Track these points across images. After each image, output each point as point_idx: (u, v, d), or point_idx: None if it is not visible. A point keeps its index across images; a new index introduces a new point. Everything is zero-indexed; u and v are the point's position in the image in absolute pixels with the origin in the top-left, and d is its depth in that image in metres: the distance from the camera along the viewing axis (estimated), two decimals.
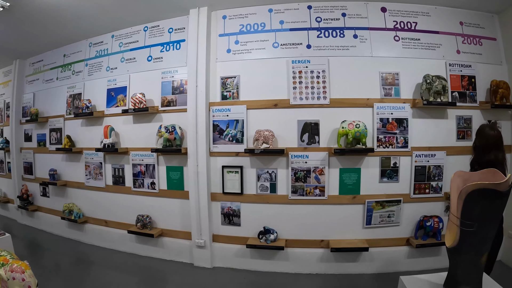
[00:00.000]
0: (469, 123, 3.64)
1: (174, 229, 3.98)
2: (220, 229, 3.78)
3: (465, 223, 1.22)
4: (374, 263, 3.53)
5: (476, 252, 1.30)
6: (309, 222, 3.57)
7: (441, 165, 3.57)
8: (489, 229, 1.28)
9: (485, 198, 1.19)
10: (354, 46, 3.57)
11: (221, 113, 3.68)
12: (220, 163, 3.71)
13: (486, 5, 3.73)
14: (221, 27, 3.80)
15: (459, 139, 3.62)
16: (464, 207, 1.22)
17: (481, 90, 3.70)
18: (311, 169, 3.50)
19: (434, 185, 3.58)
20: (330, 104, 3.50)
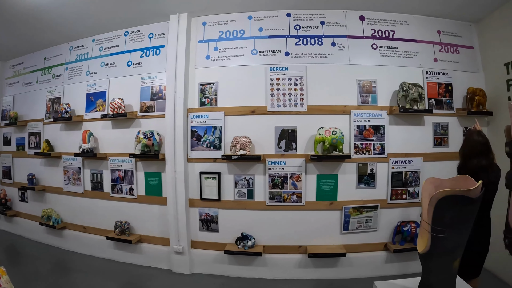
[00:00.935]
0: (445, 129, 3.69)
1: (153, 235, 3.93)
2: (198, 235, 3.75)
3: (436, 229, 1.23)
4: (352, 268, 3.54)
5: (448, 257, 1.31)
6: (286, 228, 3.57)
7: (418, 171, 3.60)
8: (460, 235, 1.29)
9: (455, 204, 1.20)
10: (332, 54, 3.60)
11: (199, 119, 3.66)
12: (198, 169, 3.69)
13: (464, 14, 3.79)
14: (201, 34, 3.80)
15: (435, 145, 3.67)
16: (435, 213, 1.23)
17: (457, 97, 3.75)
18: (288, 176, 3.51)
19: (411, 191, 3.62)
20: (307, 111, 3.51)
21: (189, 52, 3.75)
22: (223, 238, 3.67)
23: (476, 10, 3.71)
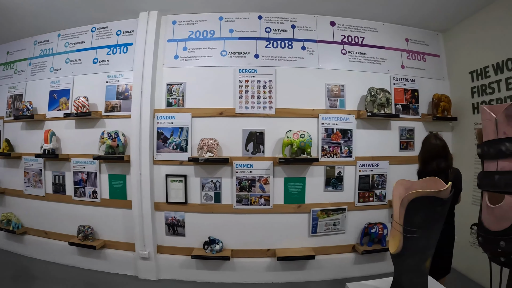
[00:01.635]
0: (411, 134, 3.78)
1: (118, 241, 3.77)
2: (164, 240, 3.64)
3: (408, 230, 1.24)
4: (321, 270, 3.54)
5: (420, 257, 1.32)
6: (254, 232, 3.53)
7: (385, 174, 3.66)
8: (431, 235, 1.31)
9: (426, 205, 1.22)
10: (301, 58, 3.60)
11: (165, 120, 3.56)
12: (164, 171, 3.58)
13: (431, 23, 3.91)
14: (170, 33, 3.71)
15: (402, 149, 3.75)
16: (406, 214, 1.25)
17: (423, 103, 3.85)
18: (256, 179, 3.47)
19: (378, 193, 3.67)
20: (275, 114, 3.49)
21: (158, 51, 3.64)
22: (190, 243, 3.57)
23: (443, 21, 3.84)
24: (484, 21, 3.55)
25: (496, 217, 1.18)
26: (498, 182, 1.17)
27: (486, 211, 1.24)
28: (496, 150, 1.17)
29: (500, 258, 1.18)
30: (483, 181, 1.27)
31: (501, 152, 1.15)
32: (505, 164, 1.16)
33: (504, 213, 1.15)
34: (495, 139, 1.18)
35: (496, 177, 1.17)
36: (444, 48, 4.07)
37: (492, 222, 1.19)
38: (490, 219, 1.21)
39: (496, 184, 1.18)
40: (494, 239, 1.17)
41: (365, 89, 3.56)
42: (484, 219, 1.25)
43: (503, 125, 1.15)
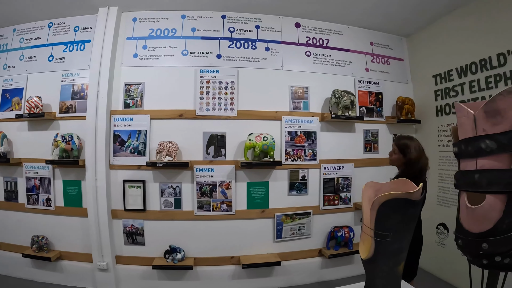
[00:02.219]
0: (375, 136, 3.78)
1: (74, 251, 3.52)
2: (123, 250, 3.43)
3: (380, 234, 1.19)
4: (288, 276, 3.45)
5: (393, 261, 1.27)
6: (217, 239, 3.39)
7: (349, 177, 3.63)
8: (404, 238, 1.27)
9: (398, 208, 1.17)
10: (265, 59, 3.52)
11: (123, 122, 3.37)
12: (121, 177, 3.38)
13: (396, 28, 3.96)
14: (130, 30, 3.53)
15: (366, 151, 3.74)
16: (377, 218, 1.19)
17: (387, 105, 3.87)
18: (217, 183, 3.33)
19: (343, 196, 3.63)
20: (237, 116, 3.39)
21: (116, 49, 3.46)
22: (151, 252, 3.38)
23: (407, 26, 3.90)
24: (448, 27, 3.62)
25: (477, 219, 1.12)
26: (478, 181, 1.11)
27: (465, 212, 1.18)
28: (476, 148, 1.11)
29: (483, 261, 1.12)
30: (461, 180, 1.21)
31: (481, 150, 1.09)
32: (485, 162, 1.10)
33: (485, 213, 1.09)
34: (474, 136, 1.12)
35: (476, 176, 1.11)
36: (408, 52, 4.14)
37: (473, 224, 1.14)
38: (470, 221, 1.15)
39: (476, 183, 1.12)
40: (476, 241, 1.11)
41: (329, 91, 3.51)
42: (464, 221, 1.19)
43: (482, 122, 1.09)
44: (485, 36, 3.18)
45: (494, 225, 1.06)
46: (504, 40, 2.97)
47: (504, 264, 1.09)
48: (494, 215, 1.06)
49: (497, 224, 1.05)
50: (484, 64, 3.18)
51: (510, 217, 1.05)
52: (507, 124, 1.03)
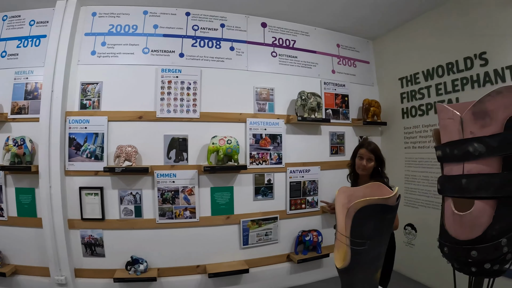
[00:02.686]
0: (342, 139, 3.78)
1: (31, 265, 3.20)
2: (82, 262, 3.18)
3: (356, 242, 1.14)
4: (256, 283, 3.36)
5: (370, 270, 1.24)
6: (182, 247, 3.23)
7: (316, 180, 3.60)
8: (381, 245, 1.23)
9: (375, 214, 1.13)
10: (229, 59, 3.42)
11: (78, 125, 3.15)
12: (77, 183, 3.14)
13: (362, 31, 3.99)
14: (89, 25, 3.31)
15: (332, 154, 3.73)
16: (353, 225, 1.14)
17: (353, 108, 3.88)
18: (180, 189, 3.18)
19: (310, 200, 3.59)
20: (200, 118, 3.26)
21: (73, 45, 3.23)
22: (112, 264, 3.17)
23: (374, 29, 3.94)
24: (414, 31, 3.68)
25: (466, 225, 1.07)
26: (466, 187, 1.06)
27: (452, 219, 1.13)
28: (463, 152, 1.06)
29: (471, 269, 1.08)
30: (446, 186, 1.16)
31: (469, 154, 1.04)
32: (473, 167, 1.05)
33: (474, 220, 1.04)
34: (461, 139, 1.07)
35: (463, 181, 1.06)
36: (374, 55, 4.19)
37: (461, 231, 1.09)
38: (458, 228, 1.10)
39: (464, 188, 1.07)
40: (464, 248, 1.06)
41: (295, 93, 3.46)
42: (450, 228, 1.14)
43: (469, 124, 1.04)
44: (452, 40, 3.25)
45: (484, 232, 1.02)
46: (472, 45, 3.04)
47: (493, 270, 1.06)
48: (483, 222, 1.03)
49: (487, 230, 1.02)
50: (451, 68, 3.25)
51: (500, 223, 1.01)
52: (496, 126, 0.99)
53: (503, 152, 0.99)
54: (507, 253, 1.03)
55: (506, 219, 1.01)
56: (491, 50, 2.88)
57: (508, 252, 1.02)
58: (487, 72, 2.90)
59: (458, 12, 3.18)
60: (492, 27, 2.87)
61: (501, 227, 1.00)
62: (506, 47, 2.75)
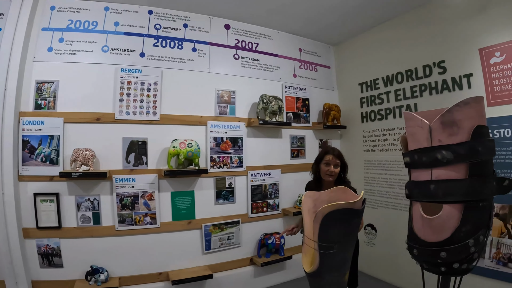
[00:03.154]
0: (302, 142, 4.00)
1: None
2: (40, 273, 3.08)
3: (324, 246, 1.23)
4: None
5: (339, 273, 1.33)
6: (143, 255, 3.24)
7: (277, 183, 3.77)
8: (349, 249, 1.33)
9: (343, 218, 1.22)
10: (191, 60, 3.48)
11: (33, 126, 3.05)
12: (31, 189, 3.04)
13: (325, 36, 4.23)
14: (47, 20, 3.20)
15: (293, 157, 3.92)
16: (321, 229, 1.23)
17: (314, 111, 4.09)
18: (139, 194, 3.20)
19: (272, 203, 3.76)
20: (160, 120, 3.29)
21: (29, 40, 3.13)
22: (71, 274, 3.10)
23: (336, 35, 4.19)
24: (375, 38, 3.95)
25: (435, 228, 1.15)
26: (434, 192, 1.15)
27: (421, 223, 1.21)
28: (431, 159, 1.14)
29: (441, 268, 1.17)
30: (415, 191, 1.24)
31: (437, 161, 1.12)
32: (441, 173, 1.14)
33: (443, 223, 1.13)
34: (430, 147, 1.15)
35: (432, 186, 1.15)
36: (335, 60, 4.43)
37: (430, 234, 1.17)
38: (427, 231, 1.18)
39: (433, 193, 1.16)
40: (434, 250, 1.14)
41: (257, 96, 3.60)
42: (419, 231, 1.22)
43: (438, 132, 1.13)
44: (412, 48, 3.53)
45: (452, 234, 1.12)
46: (431, 53, 3.33)
47: (462, 269, 1.16)
48: (451, 224, 1.12)
49: (455, 232, 1.12)
50: (410, 75, 3.53)
51: (466, 225, 1.11)
52: (463, 134, 1.10)
53: (469, 159, 1.10)
54: (474, 253, 1.13)
55: (473, 222, 1.12)
56: (449, 59, 3.17)
57: (475, 251, 1.13)
58: (445, 80, 3.20)
59: (418, 22, 3.45)
60: (449, 37, 3.16)
61: (468, 229, 1.11)
62: (463, 57, 3.04)
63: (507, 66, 2.74)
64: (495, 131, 2.75)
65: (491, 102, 2.83)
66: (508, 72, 2.72)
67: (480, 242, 1.13)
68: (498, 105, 2.79)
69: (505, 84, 2.74)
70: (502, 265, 2.70)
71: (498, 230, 2.74)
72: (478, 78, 2.93)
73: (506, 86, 2.74)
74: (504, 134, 2.74)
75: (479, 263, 2.72)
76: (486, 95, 2.84)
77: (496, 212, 2.73)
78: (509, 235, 2.69)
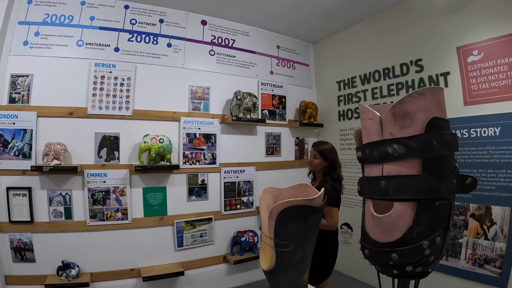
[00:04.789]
0: (278, 139, 4.23)
1: None
2: (12, 268, 3.27)
3: (280, 244, 1.22)
4: (193, 286, 3.62)
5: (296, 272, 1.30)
6: (114, 250, 3.43)
7: (251, 180, 4.00)
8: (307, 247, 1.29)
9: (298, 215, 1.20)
10: (166, 55, 3.70)
11: (6, 120, 3.24)
12: (4, 183, 3.23)
13: (303, 34, 4.48)
14: (23, 13, 3.39)
15: (268, 154, 4.16)
16: (276, 226, 1.21)
17: (290, 109, 4.33)
18: (111, 190, 3.39)
19: (245, 200, 3.98)
20: (133, 115, 3.48)
21: (6, 34, 3.31)
22: (42, 269, 3.29)
23: (315, 33, 4.44)
24: (353, 36, 4.19)
25: (385, 228, 1.13)
26: (384, 189, 1.12)
27: (371, 221, 1.19)
28: (382, 153, 1.12)
29: (393, 271, 1.14)
30: (366, 187, 1.23)
31: (388, 155, 1.10)
32: (392, 168, 1.11)
33: (394, 223, 1.10)
34: (380, 140, 1.14)
35: (382, 182, 1.13)
36: (313, 58, 4.69)
37: (381, 233, 1.15)
38: (377, 230, 1.16)
39: (383, 190, 1.13)
40: (384, 251, 1.12)
41: (232, 92, 3.81)
42: (370, 230, 1.19)
43: (389, 125, 1.10)
44: (389, 46, 3.75)
45: (404, 234, 1.07)
46: (408, 52, 3.54)
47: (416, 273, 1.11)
48: (403, 224, 1.07)
49: (407, 233, 1.07)
50: (387, 73, 3.76)
51: (420, 226, 1.06)
52: (416, 127, 1.06)
53: (423, 153, 1.05)
54: (429, 255, 1.08)
55: (427, 222, 1.07)
56: (427, 58, 3.37)
57: (430, 254, 1.07)
58: (422, 78, 3.40)
59: (396, 20, 3.67)
60: (427, 36, 3.36)
61: (421, 229, 1.06)
62: (440, 55, 3.24)
63: (485, 64, 2.90)
64: (472, 130, 2.94)
65: (468, 101, 3.01)
66: (486, 71, 2.87)
67: (436, 244, 1.07)
68: (474, 104, 2.96)
69: (483, 82, 2.89)
70: (478, 266, 2.82)
71: (474, 230, 2.90)
72: (455, 76, 3.11)
73: (483, 85, 2.88)
74: (481, 134, 2.89)
75: (454, 263, 2.99)
76: (463, 93, 3.03)
77: (472, 213, 2.91)
78: (485, 236, 2.80)
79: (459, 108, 3.04)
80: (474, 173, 2.89)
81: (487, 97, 2.86)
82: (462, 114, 3.01)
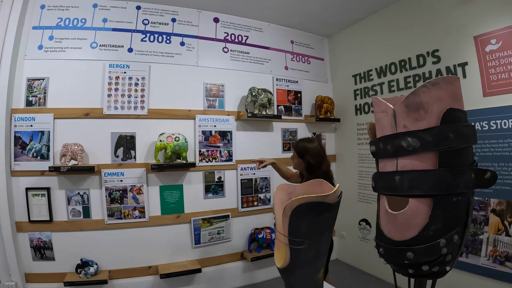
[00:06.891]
0: (294, 135, 4.18)
1: None
2: (32, 266, 3.35)
3: (294, 241, 1.18)
4: (210, 283, 3.63)
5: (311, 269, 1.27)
6: (132, 248, 3.46)
7: (268, 177, 3.96)
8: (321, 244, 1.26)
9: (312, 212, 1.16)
10: (179, 54, 3.70)
11: (24, 123, 3.31)
12: (23, 184, 3.30)
13: (317, 28, 4.41)
14: (37, 18, 3.46)
15: (284, 150, 4.12)
16: (290, 223, 1.17)
17: (306, 104, 4.28)
18: (128, 188, 3.43)
19: (262, 197, 3.96)
20: (148, 115, 3.51)
21: (20, 39, 3.38)
22: (62, 267, 3.36)
23: (329, 26, 4.37)
24: (369, 29, 4.11)
25: (400, 225, 1.08)
26: (399, 184, 1.07)
27: (386, 218, 1.15)
28: (395, 147, 1.07)
29: (408, 270, 1.10)
30: (380, 183, 1.18)
31: (402, 149, 1.05)
32: (406, 163, 1.06)
33: (409, 220, 1.05)
34: (394, 133, 1.09)
35: (397, 178, 1.08)
36: (328, 52, 4.62)
37: (395, 231, 1.10)
38: (392, 228, 1.12)
39: (397, 186, 1.08)
40: (399, 250, 1.07)
41: (246, 89, 3.79)
42: (384, 227, 1.16)
43: (402, 117, 1.06)
44: (405, 38, 3.66)
45: (419, 232, 1.03)
46: (424, 42, 3.44)
47: (432, 272, 1.07)
48: (418, 221, 1.03)
49: (423, 231, 1.02)
50: (404, 65, 3.67)
51: (436, 223, 1.01)
52: (431, 119, 1.00)
53: (438, 147, 1.00)
54: (446, 254, 1.02)
55: (444, 219, 1.01)
56: (444, 48, 3.27)
57: (447, 253, 1.02)
58: (439, 69, 3.29)
59: (411, 10, 3.58)
60: (444, 25, 3.25)
61: (438, 227, 1.01)
62: (458, 45, 3.12)
63: (503, 53, 2.76)
64: (492, 122, 2.80)
65: (487, 92, 2.87)
66: (505, 60, 2.73)
67: (454, 242, 1.02)
68: (494, 95, 2.82)
69: (502, 72, 2.74)
70: (499, 264, 2.70)
71: (495, 227, 2.77)
72: (474, 66, 2.98)
73: (502, 75, 2.74)
74: (501, 126, 2.75)
75: (474, 261, 2.86)
76: (482, 84, 2.90)
77: (493, 208, 2.78)
78: (506, 232, 2.67)
79: (478, 100, 2.90)
80: (494, 166, 2.75)
81: (507, 88, 2.70)
82: (481, 106, 2.87)
